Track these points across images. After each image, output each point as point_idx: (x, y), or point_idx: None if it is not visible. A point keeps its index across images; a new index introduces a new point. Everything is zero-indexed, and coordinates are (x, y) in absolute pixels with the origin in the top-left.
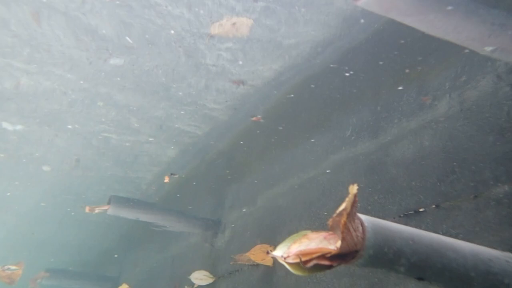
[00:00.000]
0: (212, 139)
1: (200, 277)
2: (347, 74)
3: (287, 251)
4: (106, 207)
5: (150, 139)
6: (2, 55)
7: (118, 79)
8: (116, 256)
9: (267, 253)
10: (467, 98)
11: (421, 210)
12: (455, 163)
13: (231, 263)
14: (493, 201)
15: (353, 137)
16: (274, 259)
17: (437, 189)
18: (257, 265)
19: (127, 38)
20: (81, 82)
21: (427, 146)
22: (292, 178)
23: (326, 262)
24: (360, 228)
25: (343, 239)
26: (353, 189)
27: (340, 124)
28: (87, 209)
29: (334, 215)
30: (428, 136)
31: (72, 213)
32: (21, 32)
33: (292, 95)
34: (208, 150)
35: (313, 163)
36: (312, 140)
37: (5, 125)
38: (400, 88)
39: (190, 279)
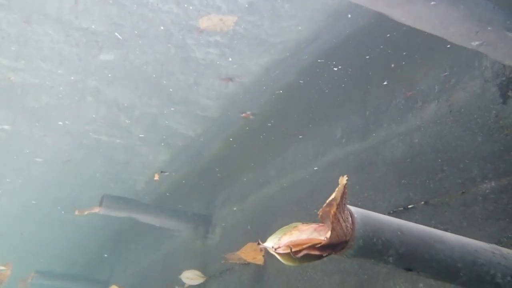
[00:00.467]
0: (204, 139)
1: (191, 276)
2: (335, 69)
3: (277, 242)
4: (96, 209)
5: (141, 135)
6: None
7: (109, 74)
8: (105, 255)
9: (258, 244)
10: (455, 100)
11: (410, 206)
12: (444, 162)
13: (222, 262)
14: (480, 197)
15: (343, 139)
16: (265, 258)
17: (426, 186)
18: (248, 263)
19: (116, 34)
20: (71, 77)
21: (417, 145)
22: (283, 177)
23: (316, 252)
24: (350, 219)
25: (332, 229)
26: (343, 180)
27: (331, 123)
28: (76, 212)
29: (324, 205)
30: (418, 136)
31: (62, 212)
32: (10, 30)
33: (281, 92)
34: (200, 150)
35: (304, 162)
36: (303, 140)
37: None
38: (390, 89)
39: (181, 279)
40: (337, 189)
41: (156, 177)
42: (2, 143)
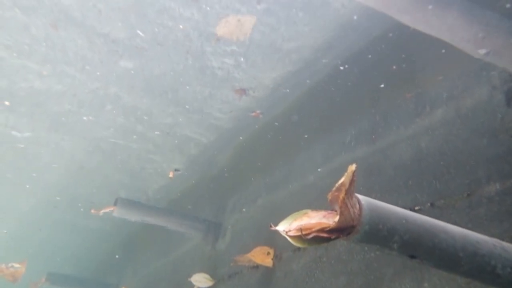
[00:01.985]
0: (216, 147)
1: (200, 279)
2: (346, 77)
3: (288, 227)
4: (112, 208)
5: (156, 143)
6: (18, 56)
7: (129, 83)
8: (116, 256)
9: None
10: (463, 105)
11: (416, 208)
12: (450, 164)
13: (231, 264)
14: (485, 199)
15: (352, 142)
16: (274, 261)
17: (433, 188)
18: (257, 266)
19: (139, 31)
20: (93, 84)
21: (424, 148)
22: (292, 182)
23: (324, 235)
24: (357, 205)
25: (341, 214)
26: (352, 167)
27: (340, 130)
28: (92, 211)
29: (333, 189)
30: (425, 140)
31: (74, 219)
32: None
33: (293, 101)
34: (212, 157)
35: (312, 167)
36: (313, 146)
37: (14, 133)
38: (399, 96)
39: (190, 282)
40: (345, 174)
41: (171, 175)
42: (22, 149)
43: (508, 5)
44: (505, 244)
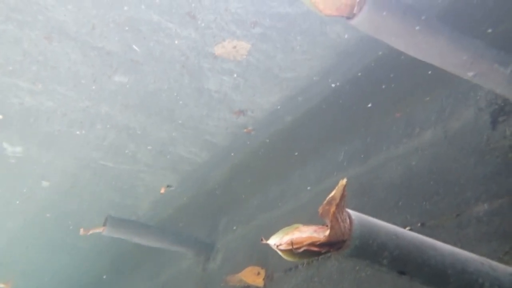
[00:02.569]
0: (210, 166)
1: None
2: (342, 106)
3: (279, 240)
4: (101, 229)
5: (148, 161)
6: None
7: (122, 100)
8: (104, 277)
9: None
10: (450, 126)
11: (407, 228)
12: (439, 185)
13: (221, 284)
14: (474, 219)
15: (345, 163)
16: (265, 281)
17: (423, 208)
18: (248, 286)
19: (134, 46)
20: (85, 103)
21: (414, 168)
22: (286, 202)
23: (315, 249)
24: (348, 220)
25: (331, 228)
26: (343, 181)
27: (333, 152)
28: (81, 232)
29: (324, 203)
30: (415, 160)
31: (64, 237)
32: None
33: (288, 123)
34: (205, 176)
35: (306, 187)
36: (306, 166)
37: (5, 145)
38: (389, 118)
39: None
40: (336, 188)
41: (162, 191)
42: (13, 167)
43: (489, 30)
44: (493, 262)
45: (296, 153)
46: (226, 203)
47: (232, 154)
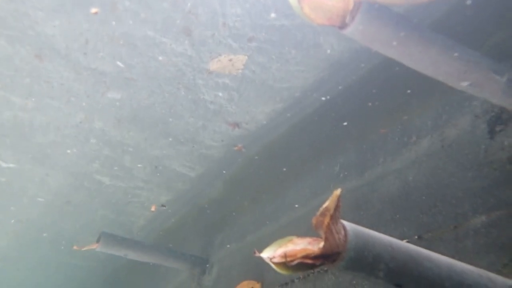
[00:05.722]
0: (205, 181)
1: None
2: (337, 117)
3: (273, 253)
4: (94, 246)
5: (143, 178)
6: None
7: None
8: None
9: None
10: (447, 136)
11: (404, 241)
12: (437, 197)
13: None
14: (471, 231)
15: (340, 175)
16: None
17: (420, 221)
18: None
19: (118, 62)
20: (78, 117)
21: (411, 182)
22: (281, 217)
23: (309, 261)
24: (343, 231)
25: (326, 240)
26: (337, 191)
27: (328, 165)
28: (75, 247)
29: (318, 214)
30: (412, 173)
31: (57, 256)
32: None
33: (282, 136)
34: (200, 191)
35: (301, 202)
36: (302, 180)
37: None
38: (385, 129)
39: None
40: (330, 199)
41: (153, 209)
42: (4, 184)
43: (483, 41)
44: (491, 274)
45: (292, 166)
46: (221, 219)
47: (225, 170)
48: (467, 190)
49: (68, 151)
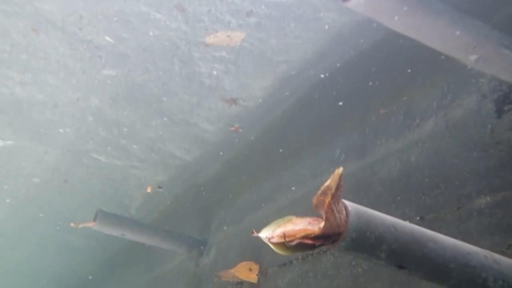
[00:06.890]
0: (202, 162)
1: None
2: (335, 91)
3: (271, 233)
4: (91, 224)
5: (139, 156)
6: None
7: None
8: (90, 277)
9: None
10: (452, 116)
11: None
12: (440, 178)
13: (215, 279)
14: (475, 212)
15: (341, 157)
16: (258, 276)
17: (422, 202)
18: (241, 282)
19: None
20: (75, 95)
21: (413, 163)
22: (280, 199)
23: (309, 242)
24: (344, 211)
25: (326, 219)
26: (339, 170)
27: (328, 146)
28: (71, 224)
29: (319, 193)
30: (415, 154)
31: (53, 236)
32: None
33: (281, 114)
34: (197, 172)
35: (301, 183)
36: (301, 161)
37: None
38: (386, 109)
39: None
40: (331, 177)
41: (149, 190)
42: (3, 161)
43: (493, 14)
44: (497, 256)
45: (291, 147)
46: (219, 199)
47: (222, 151)
48: (472, 171)
49: (67, 129)
